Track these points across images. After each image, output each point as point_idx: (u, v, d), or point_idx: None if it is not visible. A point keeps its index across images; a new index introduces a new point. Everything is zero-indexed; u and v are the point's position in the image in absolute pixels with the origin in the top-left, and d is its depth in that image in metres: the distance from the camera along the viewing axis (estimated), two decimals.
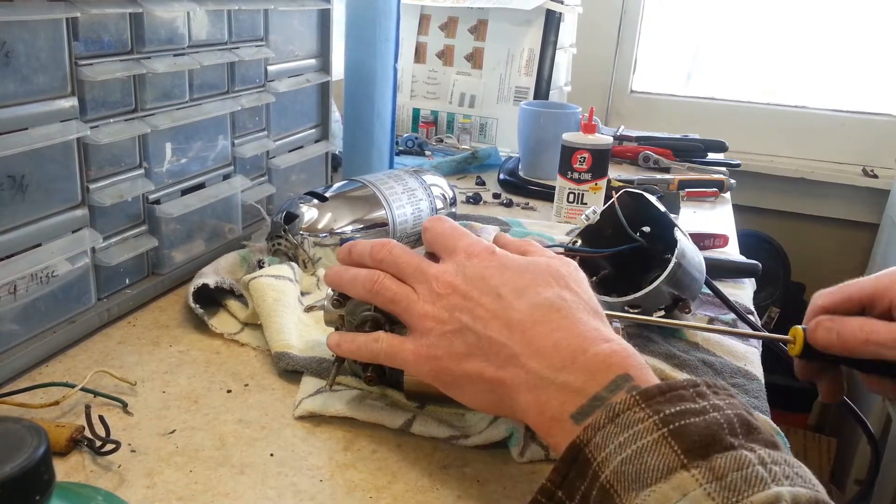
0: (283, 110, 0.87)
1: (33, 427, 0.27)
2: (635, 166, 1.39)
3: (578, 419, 0.39)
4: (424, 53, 1.49)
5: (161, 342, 0.64)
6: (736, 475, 0.32)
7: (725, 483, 0.32)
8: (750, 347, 0.68)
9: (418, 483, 0.48)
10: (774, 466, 0.33)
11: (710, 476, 0.32)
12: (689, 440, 0.33)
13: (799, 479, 0.33)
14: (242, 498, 0.46)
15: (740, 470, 0.32)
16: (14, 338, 0.57)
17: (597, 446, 0.35)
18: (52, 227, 0.59)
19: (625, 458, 0.34)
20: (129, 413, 0.54)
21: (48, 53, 0.56)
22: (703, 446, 0.33)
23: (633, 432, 0.34)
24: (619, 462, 0.34)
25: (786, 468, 0.33)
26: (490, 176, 1.23)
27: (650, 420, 0.34)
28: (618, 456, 0.34)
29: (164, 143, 0.69)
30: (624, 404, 0.35)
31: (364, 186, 0.80)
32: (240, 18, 0.77)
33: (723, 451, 0.33)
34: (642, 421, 0.35)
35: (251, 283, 0.66)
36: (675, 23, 2.07)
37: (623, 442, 0.34)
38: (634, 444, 0.34)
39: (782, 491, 0.31)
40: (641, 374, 0.40)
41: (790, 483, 0.32)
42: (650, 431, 0.34)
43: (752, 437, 0.34)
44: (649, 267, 0.72)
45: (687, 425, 0.34)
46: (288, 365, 0.59)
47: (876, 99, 1.94)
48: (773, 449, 0.34)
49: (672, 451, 0.33)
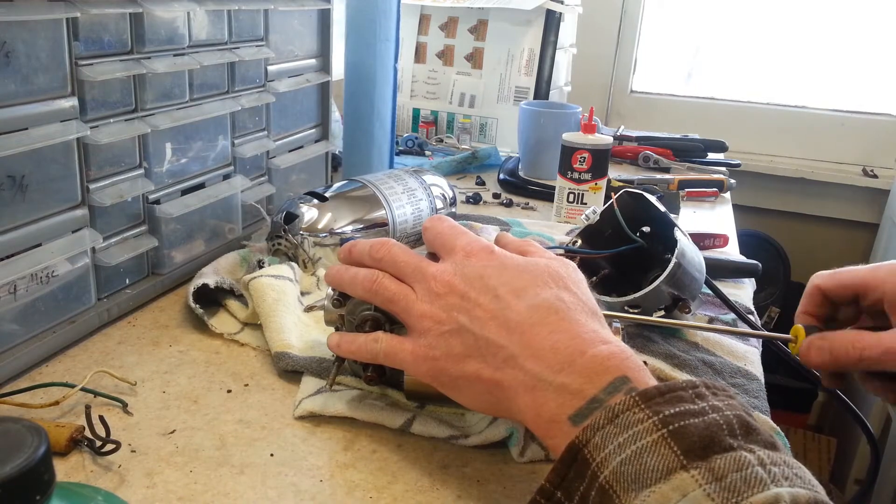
0: (283, 110, 0.87)
1: (33, 427, 0.27)
2: (635, 166, 1.39)
3: (576, 421, 0.39)
4: (424, 53, 1.49)
5: (161, 342, 0.64)
6: (735, 476, 0.32)
7: (725, 484, 0.32)
8: (750, 347, 0.68)
9: (418, 483, 0.48)
10: (774, 467, 0.33)
11: (709, 477, 0.32)
12: (688, 441, 0.33)
13: (798, 479, 0.33)
14: (242, 498, 0.46)
15: (740, 471, 0.32)
16: (14, 338, 0.57)
17: (596, 447, 0.35)
18: (52, 227, 0.59)
19: (624, 458, 0.34)
20: (129, 413, 0.54)
21: (48, 53, 0.56)
22: (702, 447, 0.33)
23: (632, 433, 0.34)
24: (619, 463, 0.34)
25: (785, 469, 0.33)
26: (490, 176, 1.23)
27: (650, 421, 0.34)
28: (617, 456, 0.34)
29: (164, 143, 0.69)
30: (623, 405, 0.36)
31: (364, 186, 0.80)
32: (240, 18, 0.77)
33: (722, 452, 0.33)
34: (642, 422, 0.35)
35: (251, 283, 0.66)
36: (675, 23, 2.07)
37: (622, 443, 0.34)
38: (634, 445, 0.34)
39: (781, 492, 0.31)
40: (639, 375, 0.40)
41: (789, 484, 0.32)
42: (650, 432, 0.34)
43: (751, 438, 0.34)
44: (649, 267, 0.72)
45: (686, 426, 0.34)
46: (288, 365, 0.59)
47: (876, 99, 1.94)
48: (773, 450, 0.34)
49: (672, 452, 0.33)
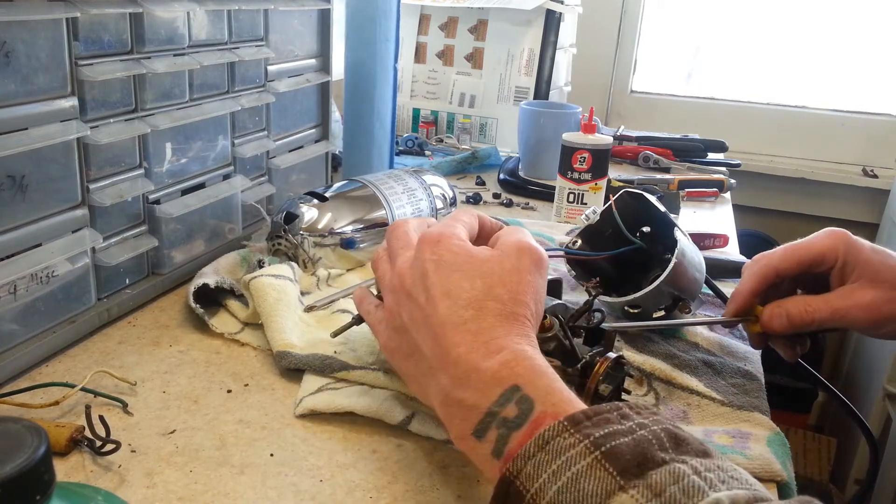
0: (283, 110, 0.87)
1: (33, 427, 0.27)
2: (635, 166, 1.39)
3: (479, 436, 0.39)
4: (424, 53, 1.49)
5: (161, 342, 0.64)
6: (674, 489, 0.32)
7: (665, 498, 0.32)
8: (750, 347, 0.68)
9: (418, 483, 0.48)
10: (709, 474, 0.33)
11: (648, 494, 0.32)
12: (622, 460, 0.33)
13: (735, 482, 0.33)
14: (242, 498, 0.46)
15: (677, 482, 0.32)
16: (14, 338, 0.57)
17: (528, 477, 0.34)
18: (52, 227, 0.59)
19: (561, 486, 0.33)
20: (129, 413, 0.54)
21: (48, 53, 0.56)
22: (636, 465, 0.33)
23: (565, 458, 0.34)
24: (556, 492, 0.33)
25: (720, 473, 0.33)
26: (490, 176, 1.23)
27: (581, 445, 0.34)
28: (553, 485, 0.33)
29: (164, 143, 0.69)
30: (552, 431, 0.35)
31: (364, 186, 0.80)
32: (240, 18, 0.77)
33: (656, 467, 0.33)
34: (573, 446, 0.34)
35: (252, 282, 0.66)
36: (675, 23, 2.07)
37: (556, 470, 0.34)
38: (569, 471, 0.33)
39: (720, 496, 0.31)
40: (529, 381, 0.40)
41: (727, 487, 0.32)
42: (583, 456, 0.34)
43: (681, 449, 0.34)
44: (649, 267, 0.72)
45: (617, 446, 0.34)
46: (290, 363, 0.59)
47: (876, 99, 1.94)
48: (705, 457, 0.34)
49: (608, 474, 0.33)
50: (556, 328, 0.51)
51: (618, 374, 0.51)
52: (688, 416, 0.57)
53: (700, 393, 0.59)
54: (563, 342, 0.51)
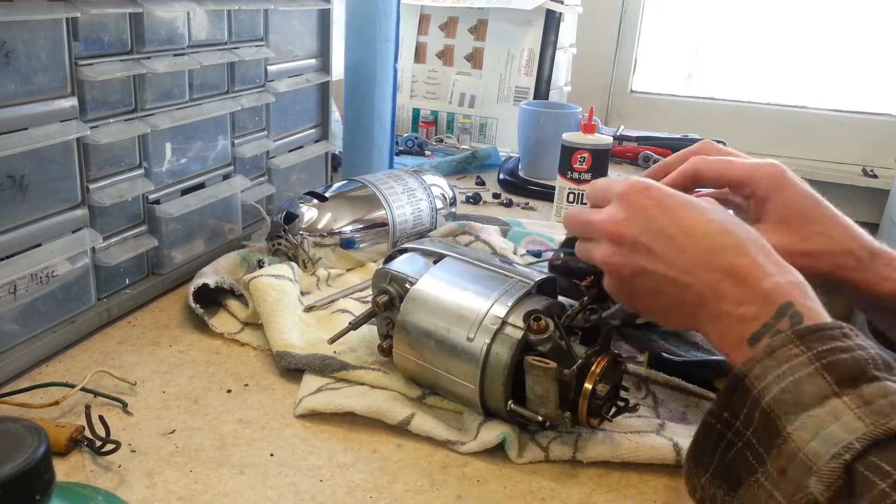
0: (283, 110, 0.87)
1: (33, 427, 0.27)
2: (635, 166, 1.39)
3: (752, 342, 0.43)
4: (424, 53, 1.49)
5: (161, 342, 0.64)
6: (883, 402, 0.36)
7: (874, 408, 0.36)
8: None
9: (418, 483, 0.48)
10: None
11: (859, 402, 0.36)
12: (840, 372, 0.38)
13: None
14: (242, 498, 0.46)
15: (886, 397, 0.36)
16: (14, 338, 0.57)
17: (755, 377, 0.39)
18: (52, 227, 0.59)
19: (784, 387, 0.38)
20: (129, 413, 0.54)
21: (48, 53, 0.56)
22: (852, 378, 0.37)
23: (789, 366, 0.39)
24: (779, 391, 0.38)
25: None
26: (490, 176, 1.23)
27: (805, 356, 0.39)
28: (777, 385, 0.38)
29: (164, 143, 0.69)
30: (780, 341, 0.40)
31: (364, 186, 0.80)
32: (240, 18, 0.77)
33: (869, 382, 0.37)
34: (797, 356, 0.39)
35: (252, 282, 0.66)
36: (676, 22, 2.07)
37: (781, 374, 0.39)
38: (792, 376, 0.38)
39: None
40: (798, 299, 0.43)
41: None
42: (805, 365, 0.38)
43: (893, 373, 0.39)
44: None
45: (838, 360, 0.38)
46: (290, 363, 0.59)
47: (876, 99, 1.94)
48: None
49: (825, 382, 0.37)
50: (551, 329, 0.50)
51: (615, 373, 0.50)
52: (686, 416, 0.57)
53: (699, 393, 0.59)
54: (559, 343, 0.50)
